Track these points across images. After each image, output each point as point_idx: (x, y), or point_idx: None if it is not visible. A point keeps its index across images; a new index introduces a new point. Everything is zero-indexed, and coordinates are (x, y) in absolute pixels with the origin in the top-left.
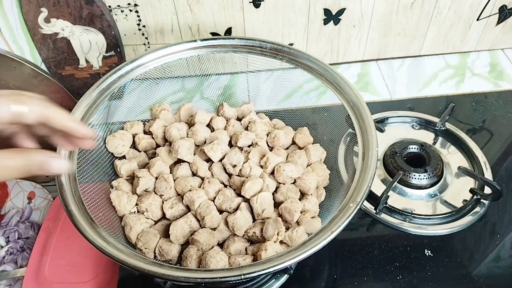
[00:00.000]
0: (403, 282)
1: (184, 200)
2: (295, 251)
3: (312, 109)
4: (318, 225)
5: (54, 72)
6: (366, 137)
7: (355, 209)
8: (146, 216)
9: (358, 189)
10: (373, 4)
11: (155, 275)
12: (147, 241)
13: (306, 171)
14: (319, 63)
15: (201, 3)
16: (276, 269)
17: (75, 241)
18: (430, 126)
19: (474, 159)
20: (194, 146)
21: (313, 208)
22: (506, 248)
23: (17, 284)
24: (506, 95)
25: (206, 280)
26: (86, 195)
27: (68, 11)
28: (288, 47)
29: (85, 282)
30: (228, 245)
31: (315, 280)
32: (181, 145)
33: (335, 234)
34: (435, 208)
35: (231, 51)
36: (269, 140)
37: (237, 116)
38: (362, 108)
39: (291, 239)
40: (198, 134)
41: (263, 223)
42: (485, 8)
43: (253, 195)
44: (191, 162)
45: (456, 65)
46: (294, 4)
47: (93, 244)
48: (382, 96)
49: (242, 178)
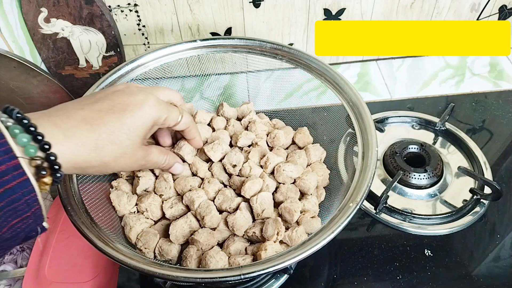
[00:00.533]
0: (403, 282)
1: (184, 200)
2: (295, 251)
3: (312, 109)
4: (318, 225)
5: (54, 72)
6: (366, 136)
7: (355, 209)
8: (146, 216)
9: (358, 189)
10: (373, 4)
11: (155, 275)
12: (147, 241)
13: (306, 171)
14: (319, 63)
15: (201, 3)
16: (276, 269)
17: (75, 241)
18: (430, 126)
19: (474, 159)
20: (195, 150)
21: (313, 208)
22: (506, 248)
23: (17, 284)
24: (506, 95)
25: (206, 280)
26: (86, 195)
27: (68, 11)
28: (288, 47)
29: (85, 282)
30: (228, 245)
31: (315, 280)
32: (186, 144)
33: (335, 234)
34: (435, 208)
35: (231, 51)
36: (269, 140)
37: (237, 116)
38: (362, 108)
39: (291, 239)
40: None
41: (263, 223)
42: (485, 8)
43: (253, 195)
44: (191, 163)
45: (456, 65)
46: (294, 4)
47: (93, 244)
48: (382, 96)
49: (242, 178)
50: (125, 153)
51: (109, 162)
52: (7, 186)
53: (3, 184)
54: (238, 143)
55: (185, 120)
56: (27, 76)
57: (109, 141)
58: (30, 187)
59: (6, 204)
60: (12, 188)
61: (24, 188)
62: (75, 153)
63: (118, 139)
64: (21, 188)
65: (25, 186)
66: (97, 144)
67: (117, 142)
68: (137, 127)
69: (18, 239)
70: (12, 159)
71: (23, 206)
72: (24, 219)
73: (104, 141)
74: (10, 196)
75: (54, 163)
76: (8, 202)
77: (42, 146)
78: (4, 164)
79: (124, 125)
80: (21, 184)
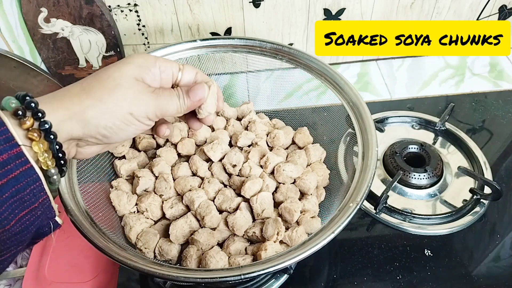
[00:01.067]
0: (403, 282)
1: (184, 200)
2: (295, 251)
3: (312, 109)
4: (318, 225)
5: (54, 72)
6: (366, 136)
7: (355, 209)
8: (146, 216)
9: (358, 188)
10: (373, 4)
11: (155, 275)
12: (147, 241)
13: (306, 171)
14: (319, 63)
15: (201, 3)
16: (276, 269)
17: (74, 241)
18: (430, 126)
19: (474, 159)
20: (195, 146)
21: (313, 208)
22: (506, 248)
23: (17, 284)
24: (506, 95)
25: (206, 280)
26: (86, 195)
27: (68, 11)
28: (288, 47)
29: (85, 282)
30: (228, 245)
31: (315, 280)
32: None
33: (335, 234)
34: (435, 208)
35: (231, 51)
36: (269, 140)
37: (237, 116)
38: (362, 108)
39: (291, 239)
40: (198, 133)
41: (263, 223)
42: (485, 8)
43: (253, 195)
44: (191, 162)
45: (456, 65)
46: (294, 4)
47: (93, 244)
48: (382, 96)
49: (242, 178)
50: (119, 84)
51: (113, 112)
52: (10, 176)
53: (6, 173)
54: (238, 143)
55: (188, 68)
56: (27, 76)
57: (101, 87)
58: (35, 176)
59: (11, 194)
60: (16, 177)
61: (29, 176)
62: (66, 108)
63: (103, 74)
64: (25, 176)
65: (29, 174)
66: (84, 86)
67: (104, 77)
68: (123, 71)
69: (28, 233)
70: (14, 147)
71: (29, 196)
72: (32, 210)
73: (96, 90)
74: (14, 186)
75: (38, 110)
76: (12, 193)
77: (29, 103)
78: (6, 152)
79: (110, 73)
80: (24, 172)
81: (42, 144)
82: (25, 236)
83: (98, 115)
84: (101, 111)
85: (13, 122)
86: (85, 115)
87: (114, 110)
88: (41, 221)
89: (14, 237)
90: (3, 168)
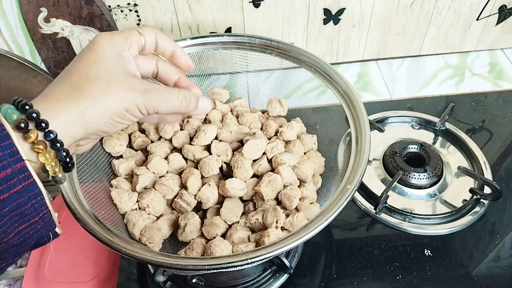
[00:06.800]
0: (403, 282)
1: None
2: (297, 234)
3: (312, 109)
4: (316, 210)
5: (53, 72)
6: (358, 122)
7: (353, 191)
8: (148, 212)
9: (354, 172)
10: (373, 4)
11: (164, 266)
12: (151, 236)
13: (302, 159)
14: (317, 59)
15: (200, 2)
16: (281, 251)
17: (75, 241)
18: (430, 126)
19: (473, 159)
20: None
21: (311, 195)
22: (506, 248)
23: (17, 283)
24: (505, 95)
25: (214, 266)
26: (87, 194)
27: (68, 11)
28: (289, 44)
29: (85, 282)
30: (231, 234)
31: (314, 280)
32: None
33: (336, 214)
34: (435, 208)
35: (232, 48)
36: (264, 131)
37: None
38: (353, 95)
39: (292, 225)
40: (190, 123)
41: (264, 210)
42: (485, 8)
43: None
44: (184, 152)
45: (456, 65)
46: (293, 4)
47: (100, 241)
48: (381, 96)
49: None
50: (110, 82)
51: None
52: (13, 191)
53: (9, 188)
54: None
55: (148, 29)
56: (27, 76)
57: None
58: (36, 190)
59: (12, 208)
60: (18, 192)
61: (31, 191)
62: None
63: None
64: (27, 191)
65: (31, 189)
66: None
67: (92, 75)
68: (106, 66)
69: (26, 246)
70: (18, 161)
71: (30, 210)
72: (32, 224)
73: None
74: (15, 200)
75: (41, 121)
76: (13, 207)
77: (31, 114)
78: (10, 167)
79: (95, 70)
80: (27, 187)
81: (49, 154)
82: (23, 248)
83: (98, 115)
84: (100, 111)
85: (17, 135)
86: (85, 117)
87: (111, 108)
88: (41, 234)
89: (11, 249)
90: (6, 182)
